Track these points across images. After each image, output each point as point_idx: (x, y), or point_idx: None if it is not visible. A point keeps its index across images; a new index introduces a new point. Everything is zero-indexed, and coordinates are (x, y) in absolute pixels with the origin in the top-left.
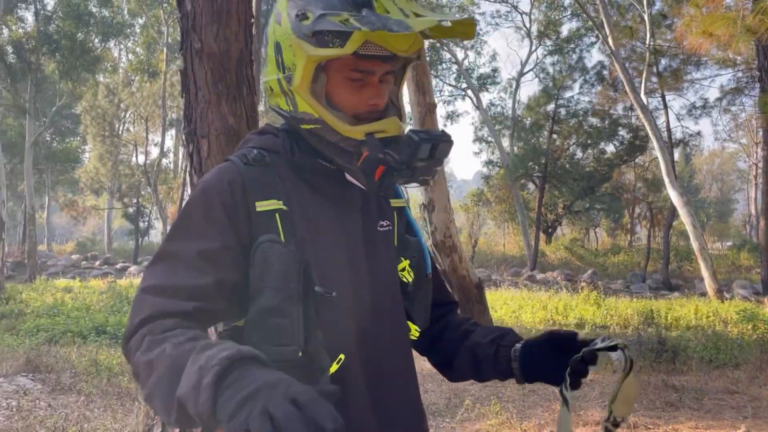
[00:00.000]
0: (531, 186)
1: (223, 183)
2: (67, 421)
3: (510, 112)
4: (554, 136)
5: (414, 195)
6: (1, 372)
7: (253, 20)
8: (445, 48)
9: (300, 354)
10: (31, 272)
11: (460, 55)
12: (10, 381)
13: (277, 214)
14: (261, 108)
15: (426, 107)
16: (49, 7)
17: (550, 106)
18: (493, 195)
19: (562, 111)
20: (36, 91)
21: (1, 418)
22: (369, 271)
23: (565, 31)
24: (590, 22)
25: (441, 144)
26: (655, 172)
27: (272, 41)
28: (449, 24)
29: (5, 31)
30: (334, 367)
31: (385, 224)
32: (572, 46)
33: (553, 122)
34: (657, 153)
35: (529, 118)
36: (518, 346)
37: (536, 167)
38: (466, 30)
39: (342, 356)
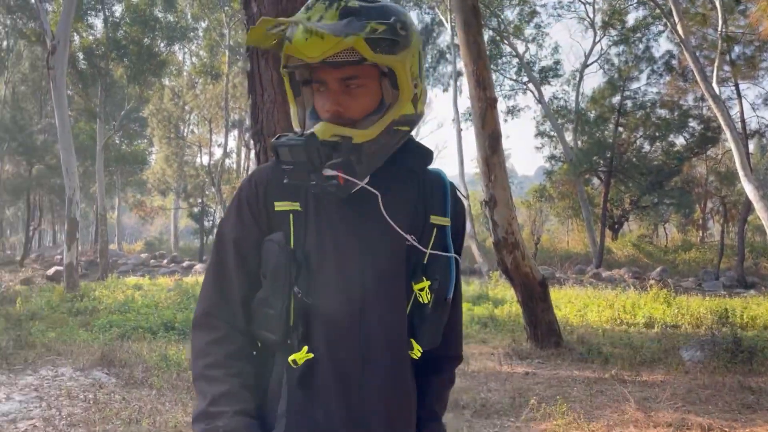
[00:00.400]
0: (596, 181)
1: (252, 183)
2: (141, 413)
3: (573, 105)
4: (620, 129)
5: (474, 193)
6: (78, 366)
7: None
8: (506, 42)
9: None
10: (103, 270)
11: (521, 48)
12: (87, 374)
13: (291, 215)
14: None
15: (487, 102)
16: (117, 14)
17: (616, 98)
18: (555, 191)
19: (629, 103)
20: (106, 95)
21: (80, 409)
22: (373, 283)
23: (630, 20)
24: (657, 10)
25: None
26: (729, 165)
27: None
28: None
29: (76, 38)
30: (298, 357)
31: (411, 238)
32: (639, 35)
33: (619, 115)
34: (730, 144)
35: (593, 111)
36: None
37: (601, 161)
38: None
39: (310, 355)
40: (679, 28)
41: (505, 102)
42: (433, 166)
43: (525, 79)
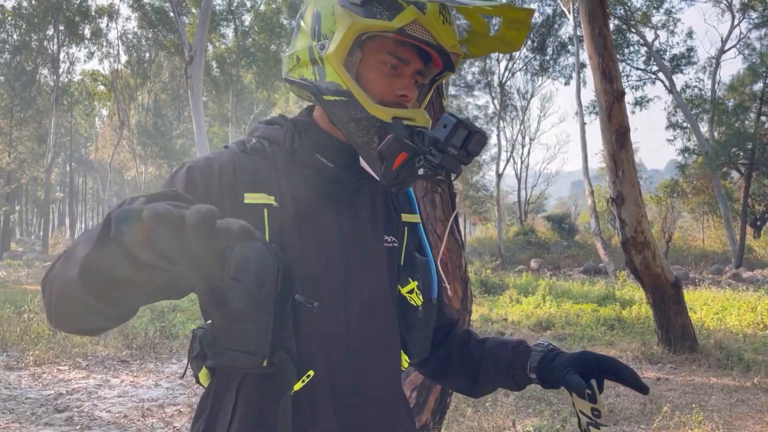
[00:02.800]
0: (735, 174)
1: (212, 167)
2: None
3: (709, 94)
4: (763, 118)
5: (599, 189)
6: None
7: None
8: (633, 30)
9: (264, 364)
10: None
11: (649, 36)
12: None
13: (265, 210)
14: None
15: (613, 95)
16: (247, 23)
17: (758, 86)
18: (689, 185)
19: None
20: (237, 100)
21: None
22: (362, 286)
23: None
24: None
25: (476, 135)
26: None
27: (311, 11)
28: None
29: (210, 47)
30: (298, 385)
31: (390, 240)
32: None
33: (761, 103)
34: None
35: (732, 100)
36: (534, 364)
37: (741, 153)
38: (516, 37)
39: (311, 373)
40: None
41: (632, 93)
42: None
43: (654, 68)
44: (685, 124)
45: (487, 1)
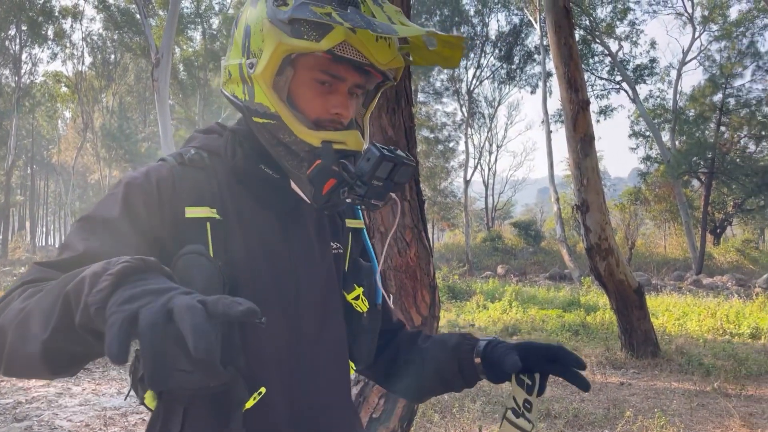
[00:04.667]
0: (695, 183)
1: (151, 181)
2: None
3: (670, 104)
4: (722, 128)
5: (564, 196)
6: None
7: None
8: (597, 40)
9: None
10: None
11: (614, 46)
12: None
13: (208, 223)
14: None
15: (579, 104)
16: (215, 26)
17: (717, 96)
18: (651, 193)
19: (731, 101)
20: (204, 104)
21: None
22: (312, 295)
23: (733, 14)
24: (762, 3)
25: (402, 167)
26: None
27: (242, 24)
28: (434, 42)
29: (177, 50)
30: (250, 402)
31: (336, 246)
32: (742, 30)
33: (721, 113)
34: None
35: (692, 110)
36: (480, 349)
37: (701, 162)
38: (452, 55)
39: (263, 389)
40: None
41: (597, 102)
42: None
43: (618, 78)
44: (647, 133)
45: (415, 29)
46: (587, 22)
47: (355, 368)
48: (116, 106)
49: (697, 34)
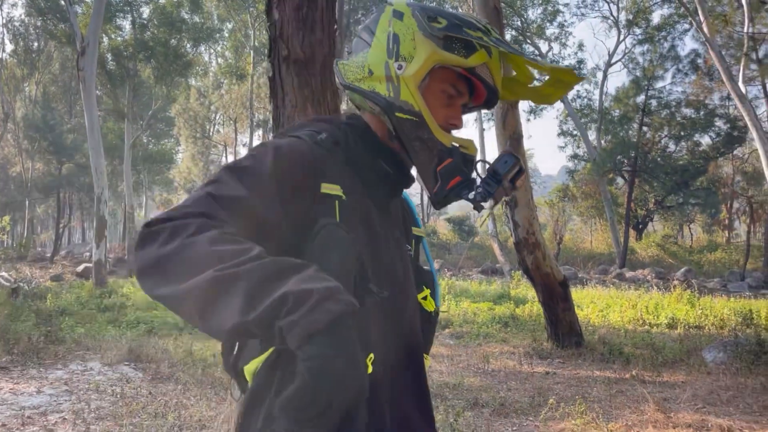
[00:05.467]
0: (620, 181)
1: (296, 151)
2: (167, 407)
3: (597, 104)
4: (644, 128)
5: None
6: (106, 361)
7: (336, 27)
8: (528, 41)
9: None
10: (130, 267)
11: (543, 47)
12: (114, 369)
13: (336, 201)
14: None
15: (507, 103)
16: (145, 16)
17: (640, 98)
18: (579, 190)
19: (653, 102)
20: (134, 95)
21: (108, 403)
22: (408, 288)
23: (656, 18)
24: (683, 9)
25: (523, 173)
26: (756, 165)
27: (387, 32)
28: (543, 80)
29: (105, 39)
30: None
31: (408, 248)
32: (664, 34)
33: (644, 114)
34: (757, 144)
35: (617, 111)
36: None
37: (625, 161)
38: (553, 93)
39: (372, 355)
40: (704, 26)
41: (527, 102)
42: None
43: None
44: (575, 132)
45: (551, 62)
46: (519, 23)
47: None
48: (40, 96)
49: (622, 37)
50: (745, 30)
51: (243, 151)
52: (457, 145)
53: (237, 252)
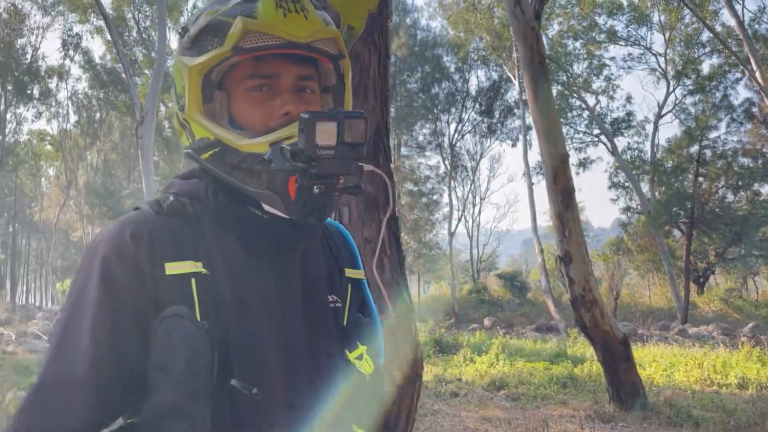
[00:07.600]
0: (677, 233)
1: (125, 239)
2: None
3: (648, 156)
4: (700, 179)
5: (548, 247)
6: None
7: (388, 93)
8: (575, 95)
9: None
10: None
11: (591, 100)
12: None
13: (192, 279)
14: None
15: (558, 158)
16: None
17: (694, 148)
18: (634, 243)
19: (708, 152)
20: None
21: None
22: (311, 356)
23: (705, 68)
24: (734, 58)
25: (347, 121)
26: None
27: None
28: None
29: (162, 108)
30: None
31: (333, 299)
32: (715, 83)
33: (698, 164)
34: None
35: (670, 162)
36: None
37: (682, 212)
38: None
39: None
40: (758, 75)
41: (576, 154)
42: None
43: (596, 131)
44: (627, 184)
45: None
46: (564, 78)
47: None
48: (101, 164)
49: (671, 88)
50: None
51: None
52: (277, 140)
53: None
